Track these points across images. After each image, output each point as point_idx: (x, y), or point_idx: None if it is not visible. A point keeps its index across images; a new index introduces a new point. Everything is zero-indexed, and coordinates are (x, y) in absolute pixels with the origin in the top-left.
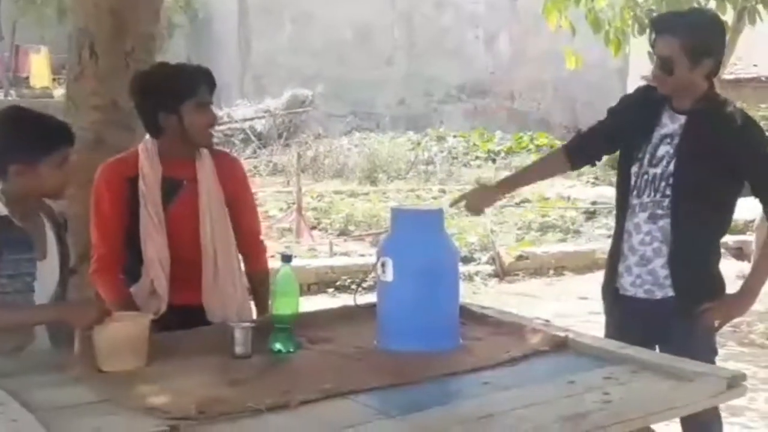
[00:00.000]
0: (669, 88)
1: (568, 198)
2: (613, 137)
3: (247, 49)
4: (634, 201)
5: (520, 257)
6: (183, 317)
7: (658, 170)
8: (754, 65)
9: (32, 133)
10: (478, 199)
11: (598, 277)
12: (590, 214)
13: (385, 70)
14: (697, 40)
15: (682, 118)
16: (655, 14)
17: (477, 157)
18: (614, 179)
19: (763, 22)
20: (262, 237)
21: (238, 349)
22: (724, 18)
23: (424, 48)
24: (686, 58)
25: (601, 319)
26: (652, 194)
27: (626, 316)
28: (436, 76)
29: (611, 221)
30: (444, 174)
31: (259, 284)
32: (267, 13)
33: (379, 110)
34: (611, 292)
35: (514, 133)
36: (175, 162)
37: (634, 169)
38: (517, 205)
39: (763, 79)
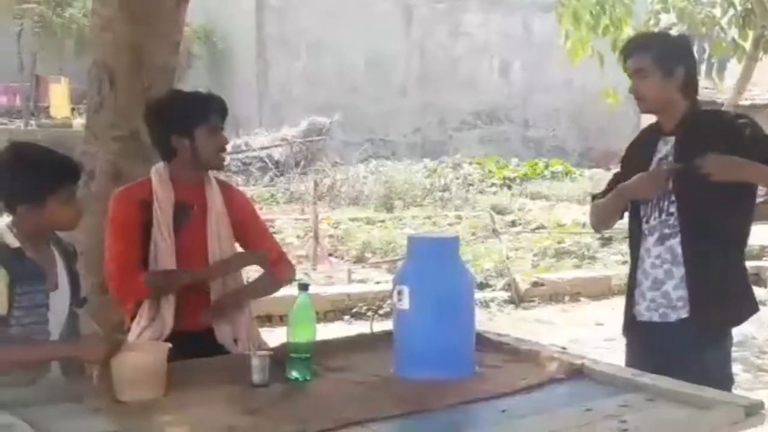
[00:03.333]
0: (649, 104)
1: (584, 224)
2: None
3: (264, 80)
4: (644, 227)
5: (535, 283)
6: (189, 344)
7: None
8: None
9: (36, 173)
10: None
11: (614, 303)
12: (605, 240)
13: (400, 98)
14: (666, 51)
15: (671, 139)
16: None
17: (492, 184)
18: (628, 204)
19: None
20: (279, 247)
21: (256, 378)
22: (743, 44)
23: (438, 77)
24: (658, 68)
25: (617, 345)
26: (658, 215)
27: (644, 342)
28: (451, 104)
29: (626, 247)
30: (460, 201)
31: (261, 279)
32: (284, 43)
33: (395, 138)
34: (629, 320)
35: (529, 159)
36: (185, 186)
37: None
38: (533, 231)
39: None
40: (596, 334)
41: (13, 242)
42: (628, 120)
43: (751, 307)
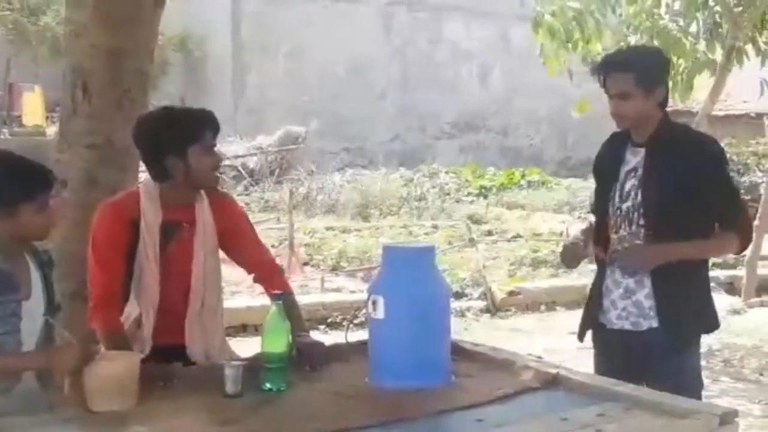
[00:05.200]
0: (628, 122)
1: (560, 233)
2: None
3: (240, 87)
4: (613, 236)
5: (512, 293)
6: (165, 357)
7: (628, 203)
8: (744, 101)
9: (8, 182)
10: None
11: None
12: None
13: (379, 104)
14: (648, 71)
15: (641, 150)
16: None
17: (469, 193)
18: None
19: (750, 61)
20: (271, 257)
21: (229, 388)
22: (713, 57)
23: (418, 83)
24: (641, 89)
25: (592, 354)
26: (628, 227)
27: (614, 349)
28: (430, 111)
29: None
30: (436, 210)
31: (289, 307)
32: (261, 50)
33: (372, 146)
34: (597, 328)
35: (506, 168)
36: (175, 205)
37: (609, 208)
38: (509, 240)
39: (753, 115)
40: (572, 343)
41: None
42: (606, 129)
43: (715, 320)
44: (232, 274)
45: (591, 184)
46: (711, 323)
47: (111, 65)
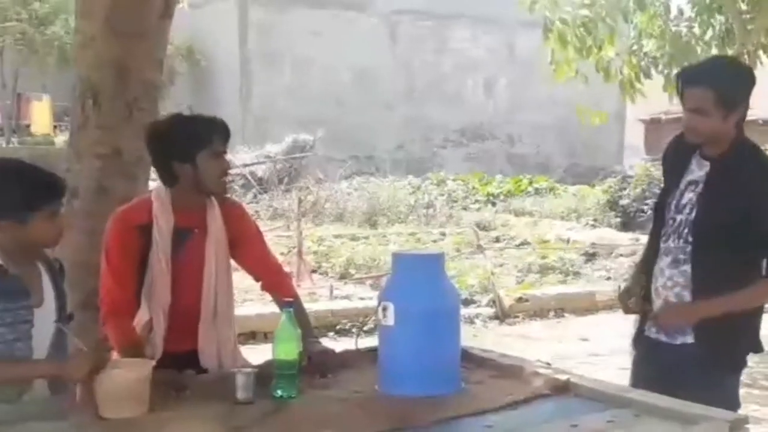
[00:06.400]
0: (701, 139)
1: (568, 240)
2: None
3: (248, 95)
4: (662, 245)
5: (520, 299)
6: (176, 363)
7: (682, 216)
8: (752, 108)
9: (20, 190)
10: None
11: (598, 319)
12: (590, 256)
13: (385, 114)
14: (730, 91)
15: (708, 166)
16: (652, 59)
17: (477, 201)
18: (612, 221)
19: (763, 65)
20: (278, 263)
21: (241, 395)
22: None
23: (424, 93)
24: (720, 108)
25: (602, 360)
26: (676, 240)
27: (651, 357)
28: (436, 120)
29: (610, 263)
30: (444, 217)
31: (298, 314)
32: (268, 59)
33: (379, 154)
34: (639, 334)
35: (513, 176)
36: (186, 211)
37: (665, 214)
38: (517, 247)
39: (760, 122)
40: (581, 349)
41: None
42: (613, 136)
43: (754, 346)
44: (243, 282)
45: (597, 191)
46: (752, 345)
47: (120, 76)
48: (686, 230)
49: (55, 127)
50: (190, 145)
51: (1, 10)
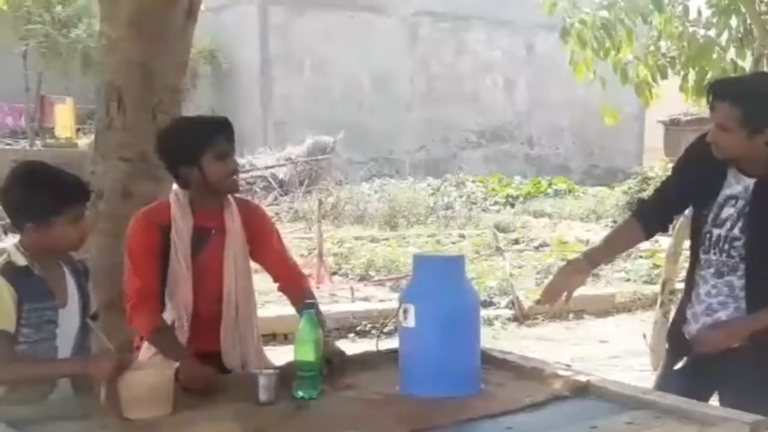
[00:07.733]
0: (725, 156)
1: (587, 241)
2: (686, 195)
3: (269, 98)
4: (703, 256)
5: (539, 301)
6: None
7: (722, 231)
8: None
9: (45, 193)
10: (566, 281)
11: (618, 320)
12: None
13: (405, 116)
14: (760, 108)
15: (749, 181)
16: (668, 60)
17: (496, 202)
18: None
19: None
20: (296, 264)
21: (263, 396)
22: (742, 64)
23: (443, 95)
24: (745, 128)
25: (622, 362)
26: (718, 254)
27: (689, 361)
28: (455, 122)
29: (630, 265)
30: (463, 219)
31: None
32: (288, 62)
33: (399, 156)
34: (678, 336)
35: (532, 177)
36: (204, 211)
37: (702, 226)
38: (536, 249)
39: None
40: (601, 351)
41: (21, 260)
42: (632, 137)
43: None
44: (262, 284)
45: (616, 193)
46: None
47: (144, 79)
48: (726, 246)
49: (78, 129)
50: (192, 149)
51: (25, 13)
